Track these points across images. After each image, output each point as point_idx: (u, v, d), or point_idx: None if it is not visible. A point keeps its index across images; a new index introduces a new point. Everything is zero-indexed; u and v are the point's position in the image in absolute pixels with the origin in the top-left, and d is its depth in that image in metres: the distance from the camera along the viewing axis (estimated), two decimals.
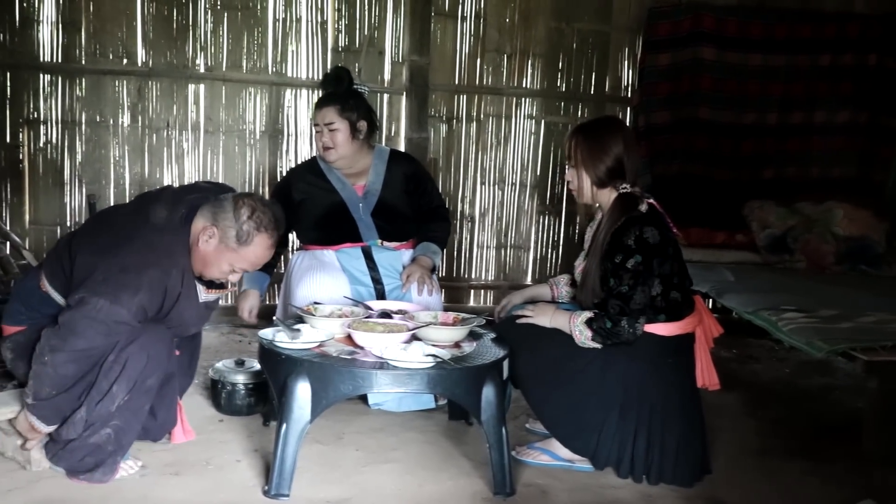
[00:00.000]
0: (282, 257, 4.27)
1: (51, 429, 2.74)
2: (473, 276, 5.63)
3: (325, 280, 3.66)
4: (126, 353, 2.66)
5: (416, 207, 3.93)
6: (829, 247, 4.91)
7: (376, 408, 3.64)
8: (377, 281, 3.74)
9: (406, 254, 3.87)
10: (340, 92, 3.84)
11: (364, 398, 3.65)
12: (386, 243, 3.84)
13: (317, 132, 3.83)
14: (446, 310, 3.56)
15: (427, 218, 3.97)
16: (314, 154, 5.12)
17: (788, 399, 4.18)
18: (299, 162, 5.14)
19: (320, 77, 4.14)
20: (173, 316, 2.83)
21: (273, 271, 3.87)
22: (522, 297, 3.48)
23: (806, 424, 3.77)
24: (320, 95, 3.92)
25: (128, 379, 2.68)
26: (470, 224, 5.55)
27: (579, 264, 3.22)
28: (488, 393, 2.83)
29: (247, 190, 5.15)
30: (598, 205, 3.14)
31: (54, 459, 2.78)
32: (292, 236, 4.18)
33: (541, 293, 3.51)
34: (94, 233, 2.89)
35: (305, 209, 3.85)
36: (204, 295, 2.93)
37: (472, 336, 3.17)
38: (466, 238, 5.58)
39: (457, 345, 3.05)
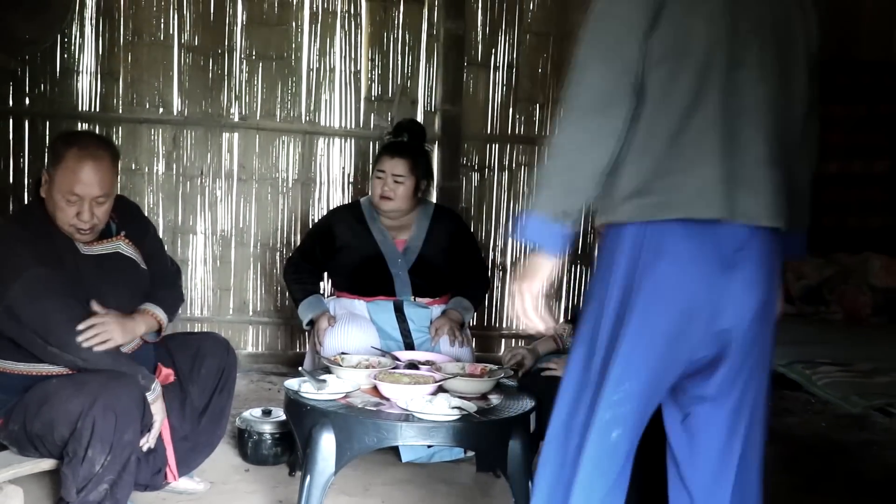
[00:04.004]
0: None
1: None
2: (504, 325, 5.59)
3: (354, 332, 3.64)
4: (92, 416, 2.51)
5: (455, 266, 3.90)
6: (866, 298, 4.84)
7: (422, 466, 3.58)
8: (406, 334, 3.72)
9: (437, 309, 3.85)
10: (413, 146, 3.84)
11: (397, 453, 3.61)
12: (418, 299, 3.82)
13: (378, 178, 3.78)
14: (477, 360, 3.54)
15: (466, 275, 3.95)
16: (346, 201, 5.20)
17: (825, 454, 4.08)
18: (332, 208, 5.17)
19: (395, 129, 4.05)
20: (73, 274, 2.71)
21: (323, 293, 3.90)
22: (532, 357, 3.46)
23: (844, 481, 3.68)
24: (390, 142, 3.91)
25: (101, 441, 2.52)
26: (501, 273, 5.53)
27: None
28: (514, 447, 2.80)
29: (278, 239, 5.22)
30: None
31: None
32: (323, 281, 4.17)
33: (548, 349, 3.51)
34: None
35: (343, 256, 3.84)
36: (84, 248, 2.80)
37: (500, 388, 3.13)
38: (498, 287, 5.55)
39: (484, 397, 3.02)
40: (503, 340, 5.60)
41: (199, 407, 3.05)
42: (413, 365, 3.27)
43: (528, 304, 2.07)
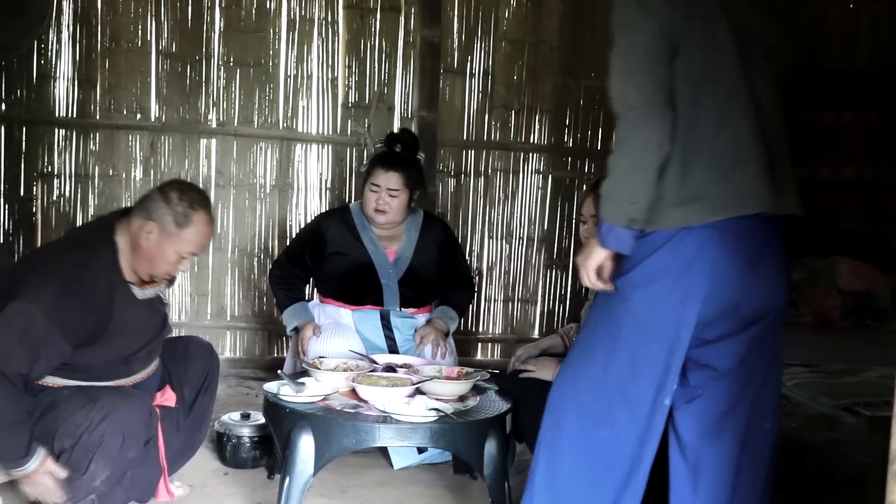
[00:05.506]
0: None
1: (26, 469, 2.57)
2: (481, 329, 5.64)
3: (339, 341, 3.65)
4: (100, 432, 2.57)
5: (442, 274, 3.93)
6: (835, 301, 4.91)
7: (400, 469, 3.62)
8: (392, 344, 3.74)
9: (422, 318, 3.88)
10: (406, 157, 3.83)
11: (387, 457, 3.65)
12: (404, 309, 3.84)
13: (372, 192, 3.75)
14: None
15: (452, 284, 3.98)
16: (324, 207, 5.23)
17: (795, 454, 4.15)
18: (309, 215, 5.21)
19: (387, 139, 4.02)
20: (119, 322, 2.74)
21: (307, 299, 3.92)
22: (537, 349, 3.50)
23: (813, 479, 3.75)
24: (383, 153, 3.87)
25: (106, 457, 2.59)
26: (477, 278, 5.57)
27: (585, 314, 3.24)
28: (490, 447, 2.85)
29: (256, 245, 5.25)
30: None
31: None
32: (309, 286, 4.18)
33: (553, 344, 3.53)
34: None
35: (333, 263, 3.82)
36: (140, 292, 2.85)
37: (477, 390, 3.18)
38: (475, 292, 5.59)
39: (461, 398, 3.06)
40: (479, 345, 5.65)
41: (186, 411, 3.10)
42: (391, 368, 3.31)
43: (588, 277, 2.37)
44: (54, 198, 5.11)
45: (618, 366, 2.35)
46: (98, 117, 5.10)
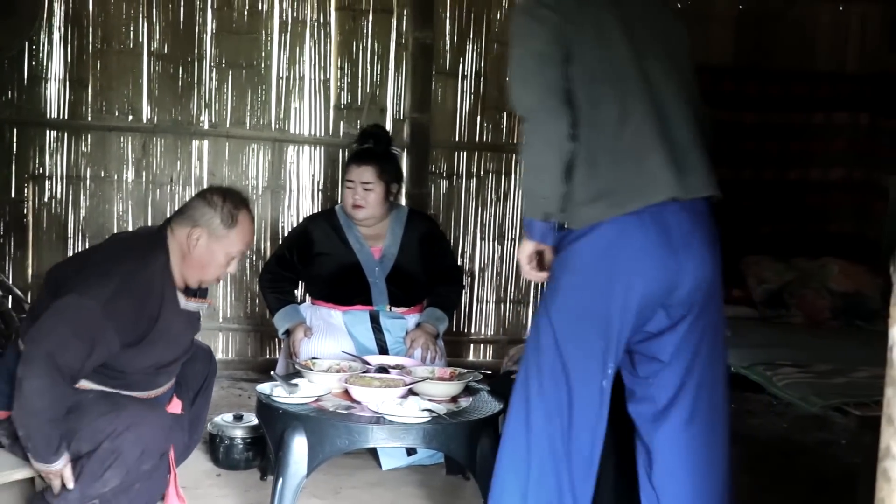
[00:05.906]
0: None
1: (51, 467, 2.55)
2: (473, 330, 5.65)
3: (330, 343, 3.67)
4: (121, 441, 2.56)
5: (430, 270, 3.94)
6: (825, 302, 4.93)
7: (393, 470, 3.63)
8: (382, 345, 3.74)
9: (412, 319, 3.88)
10: (379, 151, 3.86)
11: (376, 458, 3.66)
12: (394, 309, 3.85)
13: (348, 188, 3.81)
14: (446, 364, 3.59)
15: (439, 279, 3.98)
16: (316, 209, 5.24)
17: (786, 454, 4.18)
18: (301, 217, 5.20)
19: (359, 136, 4.11)
20: (161, 328, 2.74)
21: (299, 301, 3.94)
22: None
23: (803, 480, 3.77)
24: (356, 150, 3.94)
25: (122, 466, 2.58)
26: (470, 279, 5.58)
27: None
28: (483, 448, 2.85)
29: (250, 246, 5.24)
30: None
31: None
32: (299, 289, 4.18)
33: None
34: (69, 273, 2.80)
35: (320, 264, 3.86)
36: (184, 302, 2.85)
37: (469, 391, 3.19)
38: (466, 293, 5.60)
39: (453, 399, 3.07)
40: (471, 346, 5.65)
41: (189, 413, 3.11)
42: (383, 369, 3.32)
43: (522, 269, 2.53)
44: (46, 199, 5.10)
45: (549, 356, 2.43)
46: (90, 119, 5.10)
